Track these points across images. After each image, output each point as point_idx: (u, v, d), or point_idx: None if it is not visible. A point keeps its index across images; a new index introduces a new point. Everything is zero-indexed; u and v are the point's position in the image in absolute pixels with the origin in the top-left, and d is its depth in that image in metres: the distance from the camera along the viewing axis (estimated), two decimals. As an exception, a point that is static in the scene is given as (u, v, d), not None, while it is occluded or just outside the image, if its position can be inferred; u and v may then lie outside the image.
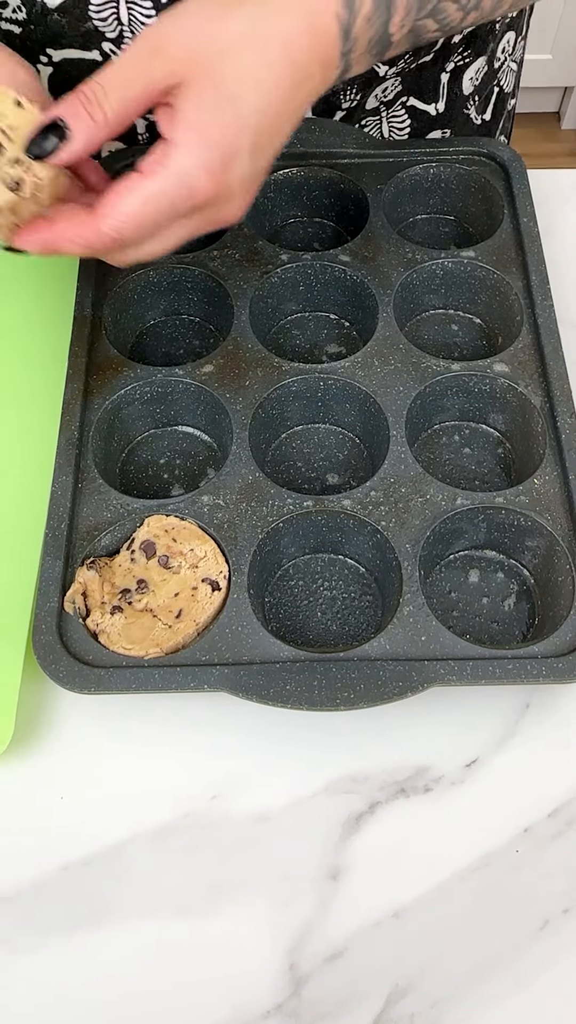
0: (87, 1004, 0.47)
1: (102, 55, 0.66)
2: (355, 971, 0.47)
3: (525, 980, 0.47)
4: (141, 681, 0.49)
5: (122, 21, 0.63)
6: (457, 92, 0.77)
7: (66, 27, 0.65)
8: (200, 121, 0.44)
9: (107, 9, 0.62)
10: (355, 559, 0.56)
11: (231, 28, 0.45)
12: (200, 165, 0.44)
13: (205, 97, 0.44)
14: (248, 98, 0.44)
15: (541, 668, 0.49)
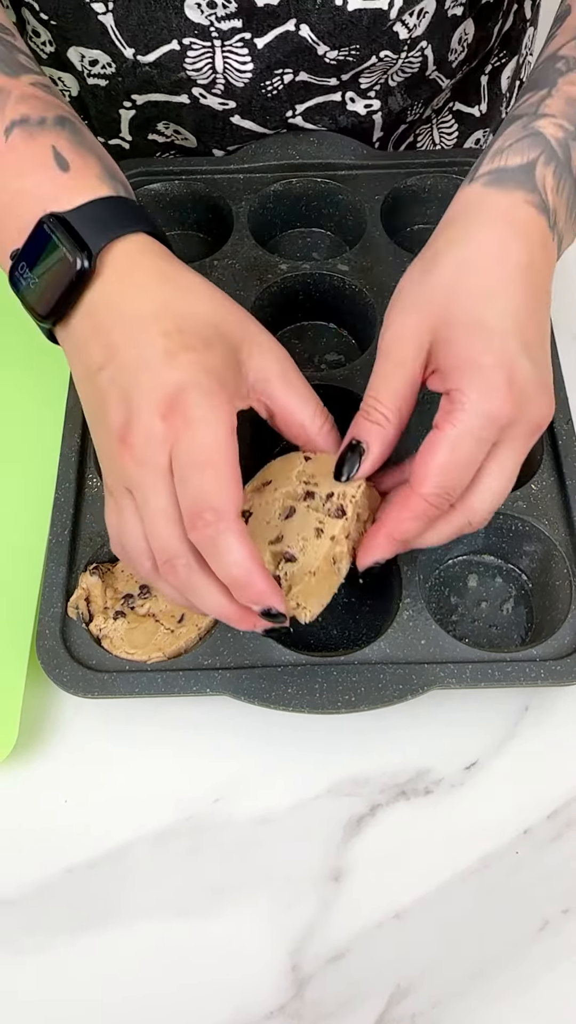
0: (91, 1005, 0.47)
1: (190, 99, 0.68)
2: (357, 972, 0.48)
3: (526, 980, 0.47)
4: (144, 685, 0.50)
5: (216, 70, 0.66)
6: (496, 92, 0.81)
7: (156, 77, 0.67)
8: (466, 358, 0.45)
9: (202, 60, 0.65)
10: (355, 564, 0.57)
11: (446, 277, 0.47)
12: (487, 392, 0.44)
13: (458, 339, 0.45)
14: (495, 312, 0.45)
15: (540, 671, 0.49)
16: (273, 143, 0.70)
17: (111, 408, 0.44)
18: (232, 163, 0.70)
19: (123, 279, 0.46)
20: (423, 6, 0.65)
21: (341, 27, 0.63)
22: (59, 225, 0.46)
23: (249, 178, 0.69)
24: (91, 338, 0.46)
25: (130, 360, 0.44)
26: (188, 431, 0.42)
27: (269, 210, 0.69)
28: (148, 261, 0.47)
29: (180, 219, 0.71)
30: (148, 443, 0.42)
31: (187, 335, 0.44)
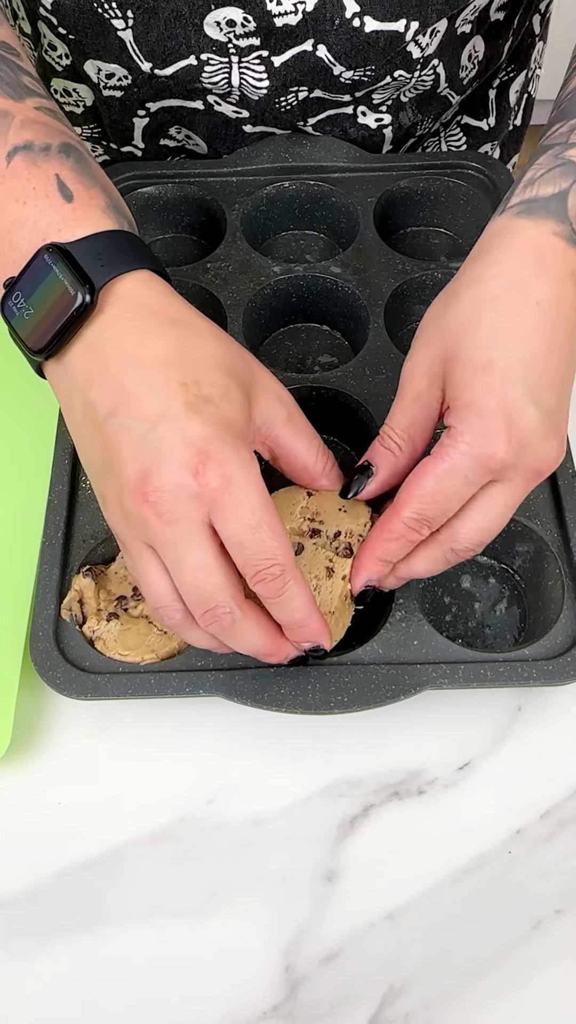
0: (85, 1007, 0.47)
1: (205, 105, 0.68)
2: (350, 972, 0.48)
3: (518, 980, 0.47)
4: (137, 687, 0.50)
5: (232, 84, 0.66)
6: (504, 106, 0.82)
7: (173, 87, 0.67)
8: (469, 399, 0.45)
9: (219, 75, 0.65)
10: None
11: (463, 312, 0.46)
12: (482, 437, 0.44)
13: (466, 379, 0.45)
14: (504, 355, 0.45)
15: (532, 671, 0.50)
16: (266, 146, 0.70)
17: (125, 460, 0.43)
18: (225, 166, 0.70)
19: (130, 319, 0.45)
20: (435, 26, 0.65)
21: (358, 48, 0.64)
22: (60, 257, 0.45)
23: (242, 181, 0.69)
24: (97, 379, 0.44)
25: (148, 412, 0.43)
26: (231, 493, 0.42)
27: (262, 213, 0.69)
28: (155, 301, 0.46)
29: (174, 222, 0.71)
30: (179, 501, 0.42)
31: (204, 385, 0.44)
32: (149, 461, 0.42)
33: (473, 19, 0.68)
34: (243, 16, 0.61)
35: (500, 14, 0.71)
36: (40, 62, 0.72)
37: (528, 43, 0.80)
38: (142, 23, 0.62)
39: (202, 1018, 0.47)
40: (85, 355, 0.45)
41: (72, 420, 0.46)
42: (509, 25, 0.74)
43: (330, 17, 0.62)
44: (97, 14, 0.62)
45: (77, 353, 0.45)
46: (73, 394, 0.45)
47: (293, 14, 0.61)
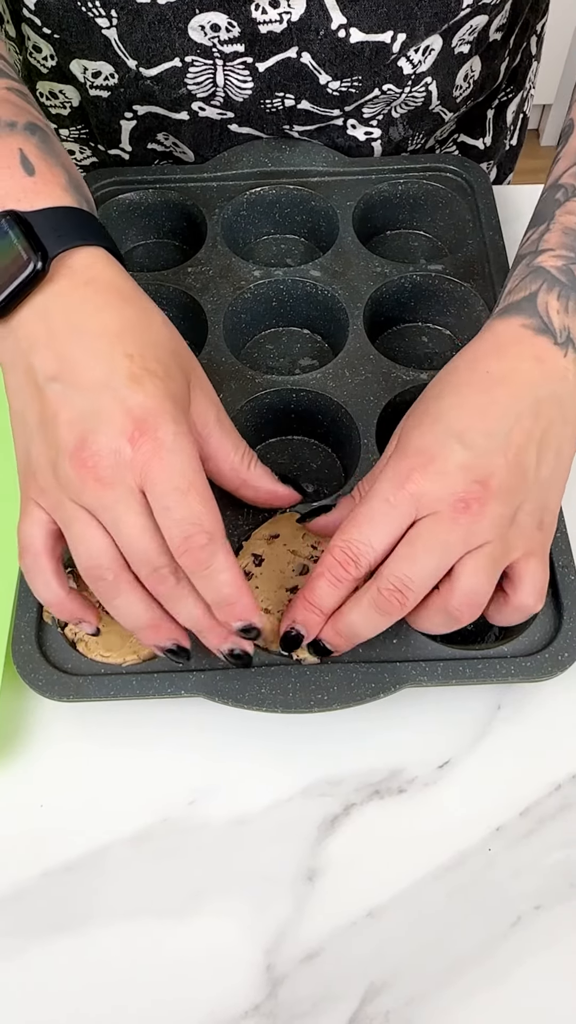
0: (68, 1007, 0.47)
1: (190, 114, 0.69)
2: (331, 971, 0.48)
3: (498, 976, 0.47)
4: (119, 688, 0.50)
5: (217, 84, 0.66)
6: (501, 126, 0.83)
7: (158, 93, 0.67)
8: (405, 439, 0.47)
9: (204, 75, 0.65)
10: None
11: (425, 395, 0.50)
12: (404, 459, 0.46)
13: (408, 423, 0.49)
14: (441, 404, 0.47)
15: (510, 668, 0.50)
16: (246, 151, 0.71)
17: (62, 424, 0.44)
18: (205, 171, 0.70)
19: (81, 291, 0.46)
20: (429, 43, 0.66)
21: (343, 57, 0.64)
22: (16, 223, 0.46)
23: (222, 186, 0.70)
24: (43, 344, 0.45)
25: (90, 379, 0.44)
26: (162, 457, 0.43)
27: (243, 217, 0.70)
28: (107, 277, 0.47)
29: (154, 227, 0.72)
30: (116, 465, 0.43)
31: (149, 360, 0.45)
32: (88, 426, 0.43)
33: (472, 40, 0.68)
34: (227, 21, 0.62)
35: (498, 35, 0.72)
36: (25, 65, 0.72)
37: (526, 64, 0.81)
38: (126, 23, 0.62)
39: (183, 1018, 0.47)
40: (32, 321, 0.46)
41: (13, 383, 0.47)
42: (506, 45, 0.75)
43: (315, 27, 0.62)
44: (81, 12, 0.62)
45: (24, 318, 0.46)
46: (16, 356, 0.46)
47: (278, 23, 0.62)
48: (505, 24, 0.72)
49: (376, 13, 0.62)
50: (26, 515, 0.46)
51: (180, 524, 0.43)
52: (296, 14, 0.61)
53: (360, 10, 0.62)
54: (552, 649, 0.50)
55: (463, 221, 0.68)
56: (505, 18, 0.71)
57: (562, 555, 0.53)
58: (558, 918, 0.49)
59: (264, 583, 0.53)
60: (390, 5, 0.62)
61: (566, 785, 0.52)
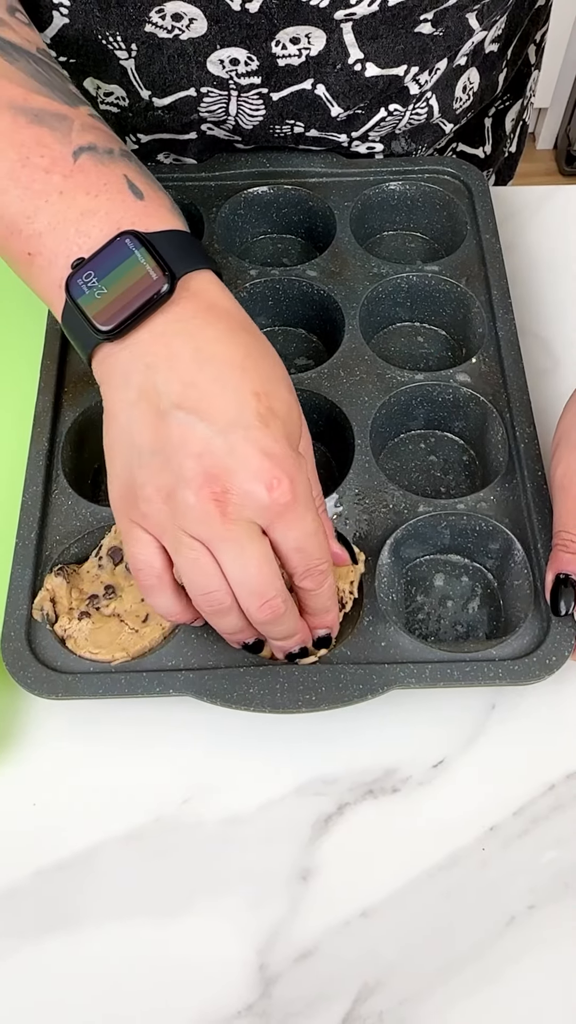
0: (60, 1007, 0.47)
1: (198, 134, 0.69)
2: (324, 970, 0.48)
3: (492, 976, 0.47)
4: (107, 686, 0.50)
5: (229, 113, 0.66)
6: (501, 134, 0.83)
7: (167, 121, 0.67)
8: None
9: (217, 105, 0.65)
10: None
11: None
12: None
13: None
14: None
15: (498, 671, 0.50)
16: (244, 152, 0.71)
17: (189, 456, 0.43)
18: (203, 171, 0.70)
19: (204, 316, 0.46)
20: (437, 65, 0.66)
21: (356, 89, 0.65)
22: (142, 244, 0.46)
23: (220, 185, 0.70)
24: (164, 367, 0.45)
25: (220, 414, 0.44)
26: (296, 508, 0.44)
27: (240, 217, 0.70)
28: (225, 303, 0.47)
29: (152, 227, 0.71)
30: (245, 507, 0.44)
31: (274, 399, 0.45)
32: (221, 464, 0.43)
33: (469, 52, 0.69)
34: (247, 56, 0.61)
35: (494, 46, 0.72)
36: None
37: (524, 72, 0.82)
38: (145, 56, 0.62)
39: (176, 1016, 0.47)
40: (153, 342, 0.45)
41: (122, 399, 0.46)
42: (503, 56, 0.75)
43: (332, 62, 0.63)
44: (100, 44, 0.62)
45: (143, 338, 0.46)
46: (132, 376, 0.45)
47: (296, 57, 0.62)
48: (502, 36, 0.72)
49: (393, 50, 0.63)
50: (134, 539, 0.46)
51: (311, 561, 0.46)
52: (315, 50, 0.62)
53: (378, 47, 0.62)
54: (540, 653, 0.50)
55: (460, 223, 0.68)
56: (501, 30, 0.71)
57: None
58: (552, 918, 0.48)
59: None
60: (407, 42, 0.62)
61: (560, 785, 0.52)
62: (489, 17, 0.66)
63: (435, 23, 0.62)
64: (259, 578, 0.45)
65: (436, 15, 0.61)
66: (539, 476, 0.56)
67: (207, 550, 0.45)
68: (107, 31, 0.60)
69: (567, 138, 2.09)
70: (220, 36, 0.60)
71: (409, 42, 0.63)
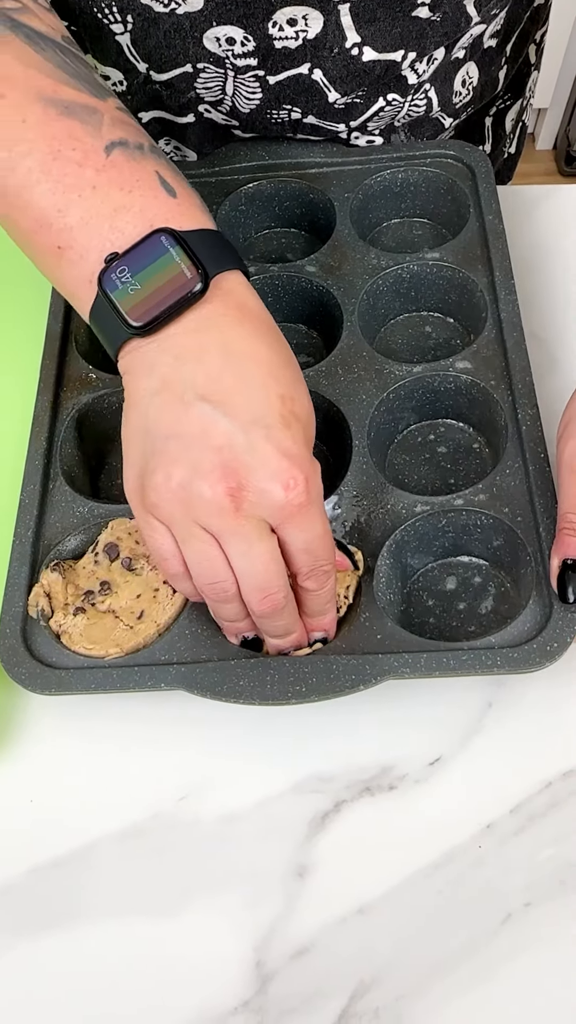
0: (56, 1004, 0.47)
1: (195, 116, 0.69)
2: (321, 967, 0.47)
3: (488, 973, 0.46)
4: (100, 681, 0.50)
5: (226, 92, 0.66)
6: (501, 133, 0.83)
7: (166, 98, 0.67)
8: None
9: (214, 82, 0.65)
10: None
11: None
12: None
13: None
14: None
15: (497, 659, 0.49)
16: (243, 145, 0.70)
17: (209, 449, 0.44)
18: (203, 167, 0.70)
19: (235, 316, 0.46)
20: (433, 54, 0.65)
21: (353, 75, 0.64)
22: (177, 241, 0.46)
23: (220, 181, 0.69)
24: (192, 359, 0.45)
25: (244, 410, 0.44)
26: (309, 510, 0.45)
27: (242, 212, 0.70)
28: (256, 305, 0.48)
29: (155, 224, 0.71)
30: (260, 505, 0.44)
31: (296, 404, 0.46)
32: (240, 459, 0.44)
33: (467, 45, 0.68)
34: (243, 36, 0.61)
35: (492, 41, 0.71)
36: None
37: (524, 72, 0.81)
38: (141, 29, 0.62)
39: (173, 1014, 0.47)
40: (183, 336, 0.46)
41: (145, 389, 0.46)
42: (502, 53, 0.74)
43: (329, 45, 0.62)
44: (96, 18, 0.62)
45: (174, 334, 0.46)
46: (158, 367, 0.46)
47: (294, 39, 0.62)
48: (500, 31, 0.71)
49: (390, 33, 0.62)
50: (152, 528, 0.46)
51: (317, 562, 0.47)
52: (312, 32, 0.61)
53: (375, 30, 0.62)
54: (541, 639, 0.49)
55: (464, 207, 0.67)
56: (499, 25, 0.70)
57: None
58: (548, 915, 0.47)
59: None
60: (403, 26, 0.62)
61: (556, 783, 0.51)
62: (487, 6, 0.65)
63: (432, 7, 0.61)
64: (265, 574, 0.45)
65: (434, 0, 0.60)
66: (541, 458, 0.55)
67: (215, 541, 0.45)
68: (102, 1, 0.60)
69: (566, 138, 2.05)
70: (216, 13, 0.60)
71: (406, 26, 0.62)
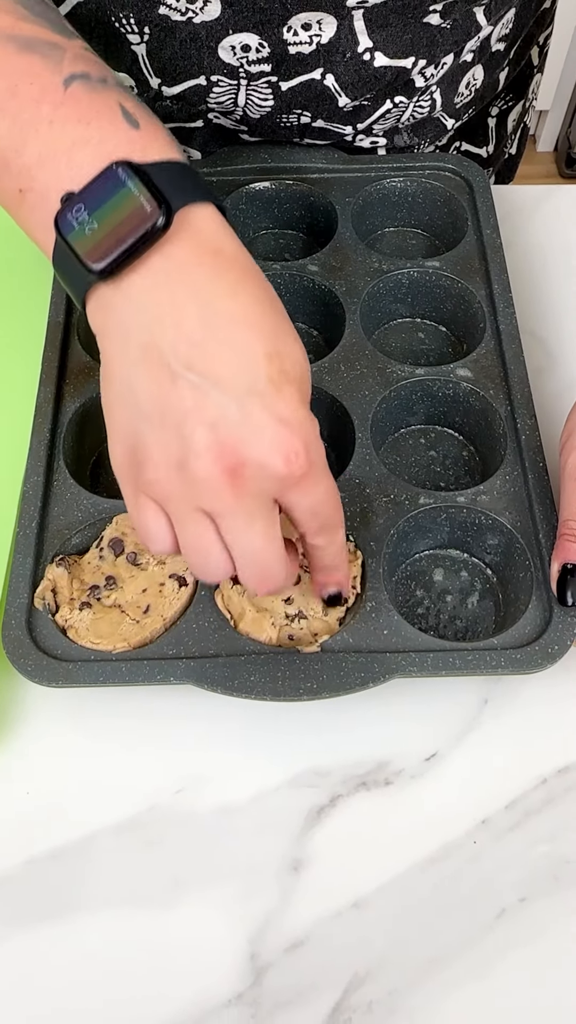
0: (51, 995, 0.47)
1: (204, 122, 0.68)
2: (315, 960, 0.48)
3: (481, 967, 0.47)
4: (109, 674, 0.50)
5: (238, 104, 0.66)
6: (502, 133, 0.83)
7: (175, 112, 0.67)
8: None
9: (226, 96, 0.65)
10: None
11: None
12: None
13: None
14: None
15: (500, 659, 0.50)
16: (246, 147, 0.71)
17: (202, 424, 0.41)
18: (205, 167, 0.70)
19: (209, 263, 0.42)
20: (444, 60, 0.66)
21: (365, 80, 0.65)
22: (135, 173, 0.42)
23: (222, 180, 0.70)
24: (170, 323, 0.41)
25: (232, 378, 0.41)
26: (313, 475, 0.43)
27: (242, 212, 0.70)
28: (231, 245, 0.43)
29: (154, 220, 0.72)
30: (259, 479, 0.42)
31: (286, 361, 0.42)
32: (236, 434, 0.41)
33: (475, 49, 0.69)
34: (259, 42, 0.61)
35: (501, 45, 0.72)
36: None
37: (527, 73, 0.82)
38: (157, 40, 0.62)
39: (167, 1005, 0.47)
40: (155, 288, 0.42)
41: (123, 358, 0.43)
42: (507, 55, 0.75)
43: (342, 50, 0.63)
44: (113, 27, 0.61)
45: (143, 283, 0.42)
46: (133, 333, 0.42)
47: (308, 44, 0.62)
48: (508, 35, 0.72)
49: (401, 39, 0.63)
50: (142, 507, 0.44)
51: (324, 519, 0.46)
52: (326, 37, 0.62)
53: (387, 36, 0.62)
54: (542, 642, 0.50)
55: (461, 220, 0.69)
56: (508, 29, 0.71)
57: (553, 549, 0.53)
58: (542, 911, 0.49)
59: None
60: (415, 32, 0.63)
61: (552, 779, 0.52)
62: (497, 13, 0.66)
63: (444, 14, 0.63)
64: (263, 554, 0.44)
65: (445, 7, 0.61)
66: (540, 467, 0.56)
67: (212, 525, 0.43)
68: (120, 12, 0.60)
69: (567, 140, 2.10)
70: (233, 20, 0.60)
71: (417, 32, 0.63)
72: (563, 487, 0.52)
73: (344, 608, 0.53)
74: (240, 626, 0.52)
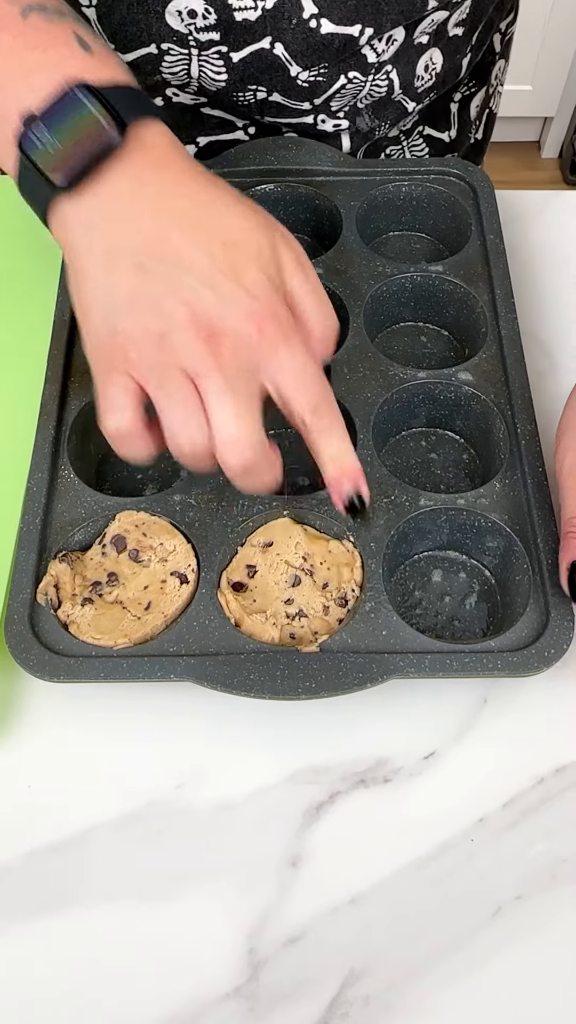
0: (50, 987, 0.48)
1: (164, 99, 0.69)
2: (312, 955, 0.48)
3: (477, 964, 0.48)
4: (110, 670, 0.50)
5: (192, 75, 0.67)
6: (466, 119, 0.84)
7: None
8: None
9: (179, 65, 0.66)
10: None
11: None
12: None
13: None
14: None
15: (497, 662, 0.51)
16: (251, 149, 0.71)
17: (177, 302, 0.44)
18: (212, 168, 0.71)
19: (160, 169, 0.47)
20: (392, 34, 0.67)
21: (313, 48, 0.66)
22: (91, 94, 0.46)
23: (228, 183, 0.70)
24: (131, 223, 0.45)
25: (196, 265, 0.45)
26: (288, 343, 0.45)
27: (247, 214, 0.71)
28: (179, 154, 0.48)
29: (160, 221, 0.72)
30: (238, 348, 0.45)
31: (239, 248, 0.46)
32: (210, 309, 0.44)
33: (431, 31, 0.70)
34: (204, 8, 0.63)
35: (459, 29, 0.73)
36: None
37: (488, 60, 0.83)
38: (105, 3, 0.63)
39: (165, 999, 0.47)
40: (113, 197, 0.46)
41: (90, 261, 0.46)
42: (467, 41, 0.76)
43: (288, 16, 0.64)
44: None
45: (102, 194, 0.46)
46: (95, 232, 0.46)
47: (253, 10, 0.63)
48: (466, 20, 0.73)
49: (346, 5, 0.64)
50: (112, 380, 0.46)
51: (312, 394, 0.47)
52: (270, 2, 0.63)
53: (331, 1, 0.64)
54: (539, 645, 0.51)
55: (464, 224, 0.69)
56: (465, 14, 0.73)
57: (552, 553, 0.54)
58: (538, 909, 0.49)
59: (260, 595, 0.54)
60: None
61: (549, 778, 0.52)
62: None
63: None
64: (241, 426, 0.45)
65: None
66: (540, 472, 0.57)
67: (194, 388, 0.45)
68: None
69: (572, 147, 2.11)
70: None
71: None
72: (562, 486, 0.53)
73: (344, 609, 0.53)
74: (243, 627, 0.52)
